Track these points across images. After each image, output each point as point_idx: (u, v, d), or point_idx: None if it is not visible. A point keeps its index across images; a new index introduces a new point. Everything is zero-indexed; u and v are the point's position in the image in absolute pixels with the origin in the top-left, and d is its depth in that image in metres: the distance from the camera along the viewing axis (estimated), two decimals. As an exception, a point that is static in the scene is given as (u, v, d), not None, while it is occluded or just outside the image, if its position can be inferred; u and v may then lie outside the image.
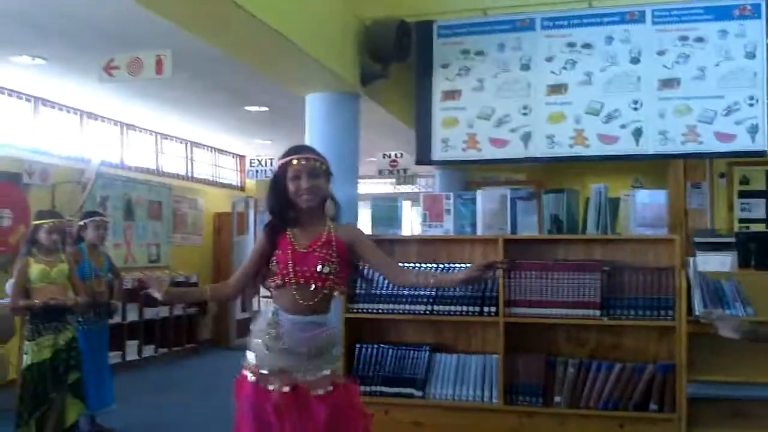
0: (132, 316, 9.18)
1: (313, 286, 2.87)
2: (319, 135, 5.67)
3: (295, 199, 2.90)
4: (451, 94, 5.75)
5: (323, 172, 2.94)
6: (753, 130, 5.16)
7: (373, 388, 4.33)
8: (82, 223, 6.03)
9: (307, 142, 5.67)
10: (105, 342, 6.20)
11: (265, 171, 11.82)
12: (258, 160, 11.92)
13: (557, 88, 5.51)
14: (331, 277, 2.89)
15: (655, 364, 4.03)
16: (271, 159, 11.74)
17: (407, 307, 4.34)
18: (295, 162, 2.90)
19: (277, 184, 2.93)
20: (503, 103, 5.61)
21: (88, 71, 6.60)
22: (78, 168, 8.82)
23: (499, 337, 4.18)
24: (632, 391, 4.02)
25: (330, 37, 5.30)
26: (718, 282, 4.05)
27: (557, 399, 4.11)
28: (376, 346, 4.41)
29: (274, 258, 2.91)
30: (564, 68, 5.51)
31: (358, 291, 4.38)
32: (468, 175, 10.11)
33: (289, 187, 2.89)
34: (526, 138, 5.54)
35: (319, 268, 2.87)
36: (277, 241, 2.92)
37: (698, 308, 3.84)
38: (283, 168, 2.92)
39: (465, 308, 4.25)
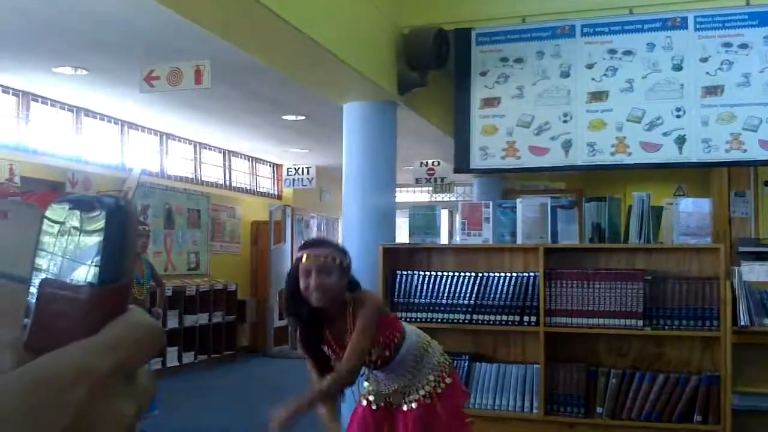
0: (172, 323, 9.26)
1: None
2: (356, 143, 5.68)
3: (306, 296, 2.72)
4: (490, 102, 5.70)
5: (337, 267, 2.72)
6: (799, 138, 5.05)
7: (412, 397, 4.30)
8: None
9: (345, 150, 5.69)
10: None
11: (302, 180, 11.88)
12: (295, 168, 11.98)
13: (598, 96, 5.44)
14: (375, 349, 2.84)
15: (700, 376, 3.96)
16: (308, 168, 11.80)
17: (446, 315, 4.32)
18: (304, 258, 2.72)
19: (290, 280, 2.78)
20: (543, 111, 5.55)
21: (129, 82, 6.69)
22: (119, 177, 8.95)
23: (540, 346, 4.14)
24: (676, 402, 3.95)
25: (368, 45, 5.31)
26: (765, 292, 3.97)
27: (599, 410, 4.06)
28: (414, 354, 4.39)
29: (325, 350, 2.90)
30: (605, 75, 5.44)
31: (396, 300, 4.37)
32: (506, 183, 10.05)
33: (300, 284, 2.72)
34: (567, 146, 5.48)
35: None
36: (320, 340, 2.86)
37: (743, 319, 3.77)
38: (297, 263, 2.76)
39: (505, 317, 4.22)
